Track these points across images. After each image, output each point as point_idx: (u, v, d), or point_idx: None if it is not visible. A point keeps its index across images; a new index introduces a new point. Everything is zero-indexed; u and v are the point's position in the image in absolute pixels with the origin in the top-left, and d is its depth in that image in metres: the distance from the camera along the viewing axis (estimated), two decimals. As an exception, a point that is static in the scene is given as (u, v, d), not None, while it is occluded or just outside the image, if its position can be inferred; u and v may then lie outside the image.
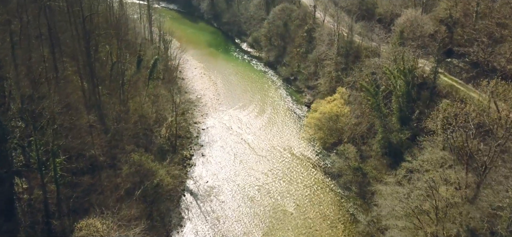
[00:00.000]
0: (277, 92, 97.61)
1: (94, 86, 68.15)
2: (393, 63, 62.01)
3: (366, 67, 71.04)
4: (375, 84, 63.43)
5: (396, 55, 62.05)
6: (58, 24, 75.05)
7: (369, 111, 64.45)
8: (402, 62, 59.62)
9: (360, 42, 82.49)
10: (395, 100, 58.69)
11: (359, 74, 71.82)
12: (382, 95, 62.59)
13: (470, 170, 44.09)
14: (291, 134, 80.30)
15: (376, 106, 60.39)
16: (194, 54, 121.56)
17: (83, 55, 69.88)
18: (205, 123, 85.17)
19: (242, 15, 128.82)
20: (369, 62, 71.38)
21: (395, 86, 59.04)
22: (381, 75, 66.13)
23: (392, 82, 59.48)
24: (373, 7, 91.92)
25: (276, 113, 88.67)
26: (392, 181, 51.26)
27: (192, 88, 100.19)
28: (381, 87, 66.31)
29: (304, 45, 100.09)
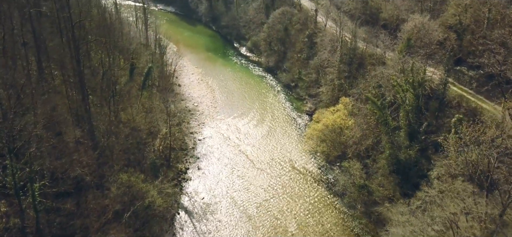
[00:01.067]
0: (277, 99, 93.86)
1: (84, 97, 64.51)
2: (401, 73, 58.13)
3: (371, 77, 67.19)
4: (381, 96, 59.57)
5: (403, 65, 58.17)
6: (46, 31, 71.66)
7: (375, 124, 60.60)
8: (411, 74, 55.79)
9: (364, 48, 78.71)
10: (404, 114, 54.88)
11: (364, 85, 67.93)
12: (388, 106, 58.72)
13: (491, 197, 40.39)
14: (292, 145, 76.53)
15: (383, 120, 56.59)
16: (191, 59, 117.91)
17: (72, 64, 66.21)
18: (201, 133, 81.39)
19: (241, 19, 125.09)
20: (374, 72, 67.52)
21: (404, 99, 55.14)
22: (388, 85, 62.27)
23: (401, 96, 55.56)
24: (377, 12, 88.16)
25: (276, 122, 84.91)
26: (405, 210, 47.42)
27: (189, 95, 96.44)
28: (387, 98, 62.51)
29: (305, 51, 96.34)
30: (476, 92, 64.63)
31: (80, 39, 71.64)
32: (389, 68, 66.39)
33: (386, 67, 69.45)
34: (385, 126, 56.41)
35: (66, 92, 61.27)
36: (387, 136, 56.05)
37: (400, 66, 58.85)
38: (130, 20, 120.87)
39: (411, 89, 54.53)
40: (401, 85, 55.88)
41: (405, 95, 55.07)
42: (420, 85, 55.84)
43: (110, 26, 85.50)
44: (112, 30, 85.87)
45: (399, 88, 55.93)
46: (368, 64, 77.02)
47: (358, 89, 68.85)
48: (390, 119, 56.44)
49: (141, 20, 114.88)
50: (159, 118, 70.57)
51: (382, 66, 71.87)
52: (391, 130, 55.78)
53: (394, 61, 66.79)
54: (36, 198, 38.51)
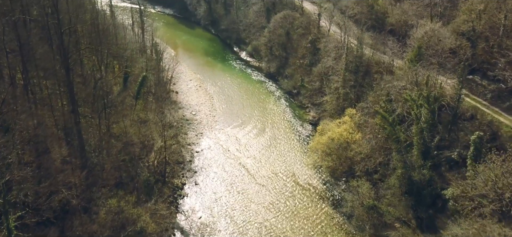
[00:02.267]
0: (279, 108, 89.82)
1: (74, 109, 60.50)
2: (413, 85, 54.07)
3: (380, 89, 63.11)
4: (392, 111, 55.48)
5: (416, 77, 54.06)
6: (37, 37, 67.70)
7: (384, 139, 56.56)
8: (425, 87, 51.71)
9: (371, 55, 74.66)
10: (417, 131, 50.71)
11: (373, 97, 63.80)
12: (399, 122, 54.66)
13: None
14: (295, 158, 72.50)
15: (395, 137, 52.54)
16: (189, 64, 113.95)
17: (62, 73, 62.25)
18: (199, 144, 77.34)
19: (241, 22, 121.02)
20: (383, 82, 63.50)
21: (418, 116, 50.95)
22: (399, 98, 58.11)
23: (415, 112, 51.33)
24: (384, 17, 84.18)
25: (278, 132, 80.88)
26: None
27: (187, 103, 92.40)
28: (397, 111, 58.47)
29: (307, 57, 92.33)
30: (491, 104, 60.83)
31: (70, 47, 68.24)
32: (399, 78, 62.34)
33: (395, 77, 65.46)
34: (397, 144, 52.37)
35: (52, 104, 57.18)
36: (399, 154, 51.99)
37: (413, 78, 54.67)
38: (126, 23, 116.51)
39: (426, 104, 50.42)
40: (415, 100, 51.66)
41: (419, 111, 50.92)
42: (436, 100, 51.76)
43: (105, 31, 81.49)
44: (106, 36, 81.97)
45: (412, 103, 51.75)
46: (375, 72, 73.03)
47: (367, 102, 64.59)
48: (402, 136, 52.36)
49: (137, 24, 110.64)
50: (154, 130, 66.49)
51: (390, 75, 67.96)
52: (403, 148, 51.74)
53: (404, 70, 62.74)
54: (12, 232, 34.54)
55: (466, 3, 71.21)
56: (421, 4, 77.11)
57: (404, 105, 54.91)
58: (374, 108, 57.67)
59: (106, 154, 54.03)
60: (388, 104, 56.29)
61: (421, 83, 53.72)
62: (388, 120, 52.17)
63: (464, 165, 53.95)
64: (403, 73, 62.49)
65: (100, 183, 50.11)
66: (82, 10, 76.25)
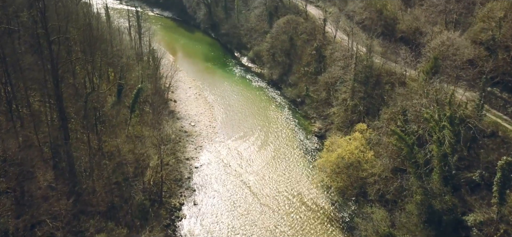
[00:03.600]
0: (282, 118, 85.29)
1: (62, 125, 56.01)
2: (433, 102, 49.48)
3: (394, 103, 58.57)
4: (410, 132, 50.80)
5: (436, 93, 49.44)
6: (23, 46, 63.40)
7: (401, 160, 52.00)
8: (448, 107, 47.10)
9: (381, 65, 70.17)
10: (438, 155, 46.06)
11: (386, 113, 59.22)
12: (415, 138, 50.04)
13: None
14: (300, 174, 68.01)
15: (413, 161, 47.95)
16: (188, 70, 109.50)
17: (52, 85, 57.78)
18: (199, 159, 72.80)
19: (242, 27, 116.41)
20: (397, 96, 58.97)
21: (441, 139, 46.21)
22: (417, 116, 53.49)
23: (438, 135, 46.37)
24: (394, 23, 79.62)
25: (282, 145, 76.37)
26: None
27: (185, 113, 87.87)
28: (412, 127, 53.92)
29: (312, 64, 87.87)
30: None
31: (61, 56, 63.85)
32: (413, 91, 57.82)
33: (409, 90, 61.00)
34: (415, 168, 47.79)
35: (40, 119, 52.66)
36: (417, 179, 47.44)
37: (432, 95, 49.99)
38: (123, 26, 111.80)
39: (449, 126, 45.83)
40: (437, 121, 46.75)
41: (442, 133, 46.21)
42: (461, 121, 47.16)
43: (99, 38, 76.94)
44: (101, 42, 77.46)
45: (434, 124, 46.99)
46: (385, 82, 68.57)
47: (380, 119, 59.79)
48: (421, 158, 47.78)
49: (134, 28, 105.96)
50: (150, 146, 61.90)
51: (403, 88, 63.53)
52: (423, 173, 47.16)
53: (418, 83, 58.24)
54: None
55: (483, 9, 66.81)
56: (434, 11, 72.47)
57: (424, 124, 50.25)
58: (390, 128, 52.97)
59: (97, 176, 49.49)
60: (405, 123, 51.57)
61: (443, 101, 49.03)
62: (407, 142, 47.57)
63: (487, 188, 49.72)
64: (418, 86, 57.96)
65: (90, 210, 45.55)
66: (73, 17, 71.69)
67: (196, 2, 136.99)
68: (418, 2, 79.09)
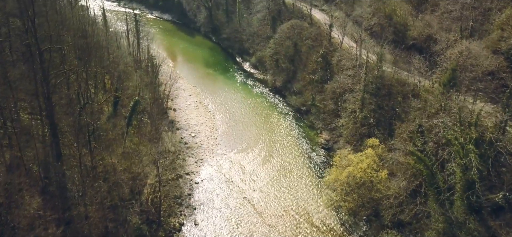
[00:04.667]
0: (287, 128, 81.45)
1: (53, 141, 52.23)
2: (456, 121, 45.55)
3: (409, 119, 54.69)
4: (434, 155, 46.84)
5: (459, 112, 45.46)
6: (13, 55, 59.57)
7: (419, 182, 48.13)
8: (474, 128, 43.13)
9: (393, 74, 66.32)
10: (461, 179, 42.10)
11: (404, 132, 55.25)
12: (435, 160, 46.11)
13: None
14: (307, 191, 64.18)
15: (434, 186, 44.08)
16: (188, 76, 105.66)
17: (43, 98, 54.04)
18: (199, 173, 68.94)
19: (244, 31, 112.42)
20: (412, 110, 55.11)
21: (468, 165, 42.11)
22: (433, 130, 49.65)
23: (463, 160, 42.26)
24: (404, 29, 75.73)
25: (287, 158, 72.53)
26: None
27: (185, 122, 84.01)
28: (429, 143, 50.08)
29: (318, 72, 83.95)
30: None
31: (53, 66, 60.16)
32: (429, 105, 53.96)
33: (424, 102, 57.15)
34: (436, 193, 43.90)
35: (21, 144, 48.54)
36: (438, 204, 43.56)
37: (456, 113, 45.98)
38: (121, 30, 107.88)
39: (475, 149, 41.86)
40: (463, 144, 42.58)
41: (469, 159, 42.14)
42: (491, 145, 43.25)
43: (95, 45, 73.11)
44: (97, 49, 73.70)
45: (459, 147, 42.94)
46: (397, 93, 64.67)
47: (395, 137, 55.69)
48: (441, 180, 43.90)
49: (132, 33, 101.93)
50: (148, 161, 58.02)
51: (417, 100, 59.76)
52: (447, 201, 43.25)
53: (435, 96, 54.37)
54: None
55: (501, 16, 63.06)
56: (448, 17, 68.59)
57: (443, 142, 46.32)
58: (408, 148, 49.05)
59: (90, 199, 45.64)
60: (423, 143, 47.60)
61: (469, 121, 44.93)
62: (427, 165, 43.68)
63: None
64: (434, 99, 54.09)
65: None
66: (67, 23, 67.84)
67: (196, 5, 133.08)
68: (430, 8, 75.22)
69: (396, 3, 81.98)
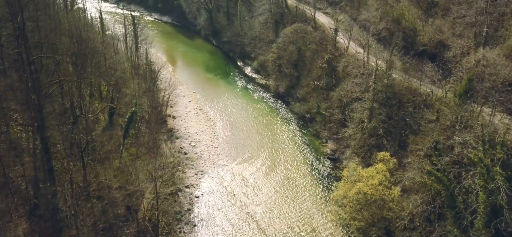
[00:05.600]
0: (291, 137, 78.23)
1: (44, 156, 49.01)
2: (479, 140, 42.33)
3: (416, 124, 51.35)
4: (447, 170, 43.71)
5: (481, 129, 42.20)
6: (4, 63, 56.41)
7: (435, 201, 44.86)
8: (500, 148, 39.86)
9: (402, 82, 63.10)
10: (485, 203, 38.78)
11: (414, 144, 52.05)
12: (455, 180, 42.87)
13: None
14: (314, 206, 60.92)
15: (455, 211, 40.80)
16: (188, 81, 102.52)
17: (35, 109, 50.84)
18: (200, 186, 65.75)
19: (245, 35, 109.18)
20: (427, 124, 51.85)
21: (497, 190, 38.67)
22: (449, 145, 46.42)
23: (487, 182, 38.99)
24: (413, 34, 72.49)
25: (292, 169, 69.32)
26: None
27: (185, 131, 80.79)
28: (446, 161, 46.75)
29: (323, 79, 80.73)
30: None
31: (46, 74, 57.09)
32: (443, 116, 50.71)
33: (436, 112, 53.93)
34: (456, 217, 40.65)
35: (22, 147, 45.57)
36: (458, 229, 40.30)
37: (479, 131, 42.68)
38: (119, 33, 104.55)
39: (502, 172, 38.59)
40: (488, 166, 38.96)
41: (496, 182, 38.82)
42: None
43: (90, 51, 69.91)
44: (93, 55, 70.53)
45: (483, 169, 39.46)
46: (407, 102, 61.46)
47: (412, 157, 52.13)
48: (461, 204, 40.64)
49: (130, 36, 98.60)
50: (145, 179, 54.77)
51: (429, 109, 56.58)
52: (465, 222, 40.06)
53: (450, 107, 51.13)
54: None
55: (517, 21, 59.95)
56: (461, 23, 65.30)
57: (467, 165, 43.02)
58: (426, 168, 45.72)
59: (83, 221, 42.46)
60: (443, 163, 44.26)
61: (493, 139, 41.62)
62: (447, 186, 40.46)
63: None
64: (449, 111, 50.84)
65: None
66: (60, 30, 64.65)
67: (196, 7, 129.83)
68: (441, 12, 71.97)
69: (404, 7, 78.84)
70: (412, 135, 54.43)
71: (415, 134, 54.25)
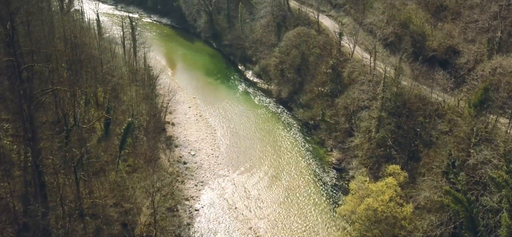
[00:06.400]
0: (294, 145, 75.43)
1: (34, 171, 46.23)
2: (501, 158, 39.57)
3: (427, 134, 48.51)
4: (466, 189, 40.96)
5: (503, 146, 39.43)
6: None
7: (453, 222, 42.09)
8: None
9: (411, 89, 60.35)
10: (507, 226, 36.05)
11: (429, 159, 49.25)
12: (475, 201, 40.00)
13: None
14: (319, 220, 58.17)
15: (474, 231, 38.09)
16: (188, 85, 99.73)
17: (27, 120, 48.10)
18: (200, 198, 62.95)
19: (246, 38, 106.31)
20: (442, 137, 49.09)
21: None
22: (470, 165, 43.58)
23: (511, 203, 36.34)
24: (422, 39, 69.70)
25: (295, 180, 66.58)
26: None
27: (185, 138, 77.96)
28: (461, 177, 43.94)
29: (328, 85, 77.92)
30: None
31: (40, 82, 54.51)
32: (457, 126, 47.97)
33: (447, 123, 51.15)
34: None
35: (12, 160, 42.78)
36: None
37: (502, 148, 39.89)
38: (117, 35, 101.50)
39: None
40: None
41: None
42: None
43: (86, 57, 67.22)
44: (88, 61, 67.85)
45: (509, 192, 36.56)
46: (417, 110, 58.68)
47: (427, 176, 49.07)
48: (482, 227, 37.88)
49: (128, 40, 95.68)
50: (143, 194, 51.99)
51: (441, 119, 53.86)
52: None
53: (465, 118, 48.38)
54: None
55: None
56: (473, 28, 62.47)
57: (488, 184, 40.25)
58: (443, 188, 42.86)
59: None
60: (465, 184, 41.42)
61: None
62: (467, 207, 37.71)
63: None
64: (464, 122, 48.07)
65: None
66: (55, 35, 61.89)
67: (196, 9, 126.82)
68: (450, 16, 69.21)
69: (411, 10, 76.12)
70: (423, 146, 51.67)
71: (427, 146, 51.50)
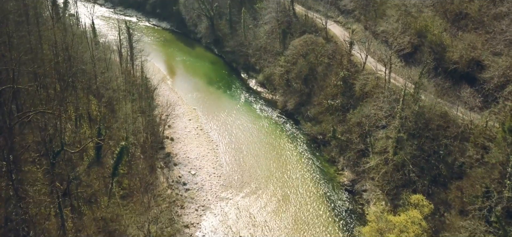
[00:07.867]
0: (302, 162, 70.15)
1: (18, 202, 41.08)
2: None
3: (451, 157, 43.34)
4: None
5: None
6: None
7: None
8: None
9: (433, 107, 55.03)
10: None
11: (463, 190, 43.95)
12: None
13: None
14: (332, 251, 53.04)
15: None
16: (188, 95, 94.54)
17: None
18: (201, 225, 57.71)
19: (250, 45, 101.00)
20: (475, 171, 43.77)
21: None
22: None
23: None
24: (442, 50, 64.33)
25: (304, 203, 61.34)
26: None
27: (184, 156, 72.69)
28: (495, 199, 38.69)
29: (339, 98, 72.63)
30: None
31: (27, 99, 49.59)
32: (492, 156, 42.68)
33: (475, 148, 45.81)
34: None
35: None
36: None
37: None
38: (114, 41, 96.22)
39: None
40: None
41: None
42: None
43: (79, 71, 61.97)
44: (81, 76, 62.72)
45: None
46: (440, 133, 53.29)
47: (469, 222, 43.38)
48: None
49: (125, 48, 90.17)
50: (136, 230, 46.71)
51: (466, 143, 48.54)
52: None
53: (498, 143, 43.12)
54: None
55: None
56: (500, 39, 57.06)
57: None
58: (477, 226, 37.77)
59: None
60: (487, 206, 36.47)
61: None
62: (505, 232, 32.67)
63: None
64: (497, 149, 42.79)
65: None
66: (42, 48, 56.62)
67: (196, 14, 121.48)
68: (471, 25, 63.83)
69: (427, 18, 70.65)
70: (450, 174, 46.32)
71: (454, 173, 46.16)
